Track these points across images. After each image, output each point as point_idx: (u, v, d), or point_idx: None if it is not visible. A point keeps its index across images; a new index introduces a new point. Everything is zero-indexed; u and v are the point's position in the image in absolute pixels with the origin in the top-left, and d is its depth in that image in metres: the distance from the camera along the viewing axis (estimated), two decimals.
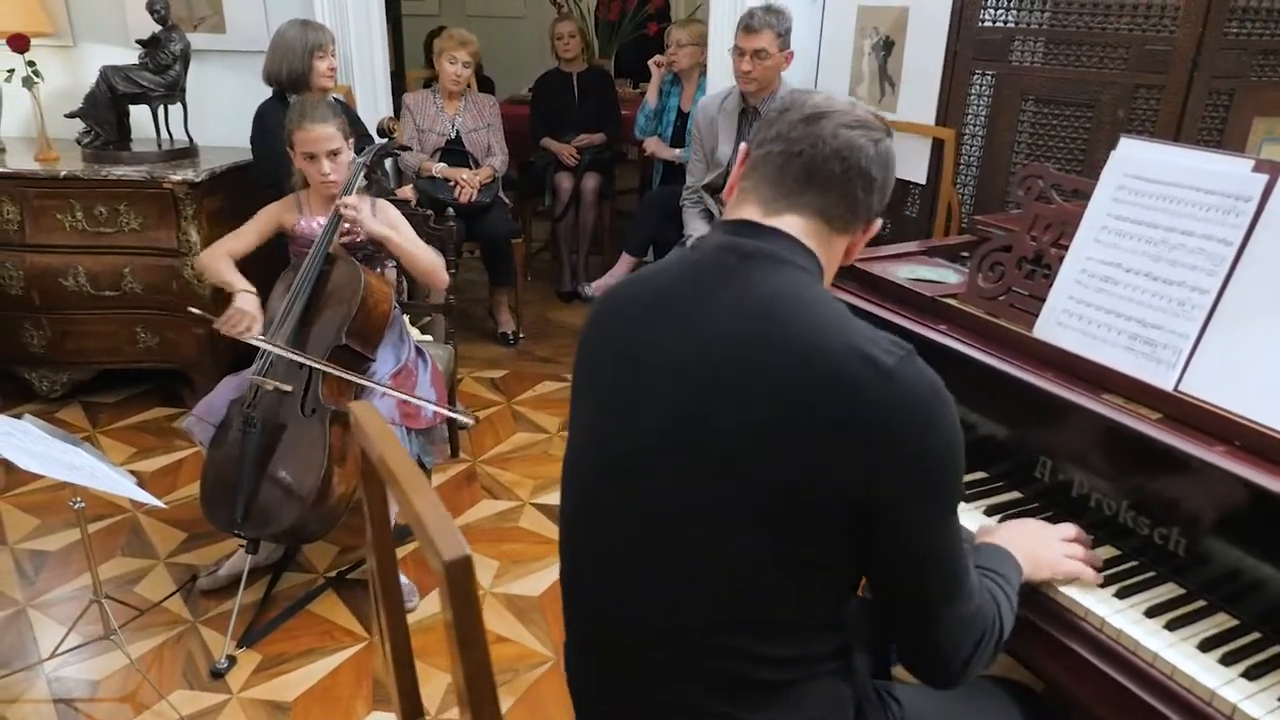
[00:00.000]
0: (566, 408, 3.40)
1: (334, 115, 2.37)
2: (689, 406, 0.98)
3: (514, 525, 2.76)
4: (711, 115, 3.15)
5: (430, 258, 2.46)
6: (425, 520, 0.67)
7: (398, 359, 2.46)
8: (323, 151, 2.35)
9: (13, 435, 1.76)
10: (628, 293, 1.11)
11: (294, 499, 2.13)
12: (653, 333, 1.04)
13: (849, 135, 1.03)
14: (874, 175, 1.05)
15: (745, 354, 0.95)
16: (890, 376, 0.91)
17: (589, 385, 1.10)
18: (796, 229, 1.04)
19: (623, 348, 1.06)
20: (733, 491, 0.94)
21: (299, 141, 2.37)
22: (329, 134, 2.34)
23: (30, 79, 3.23)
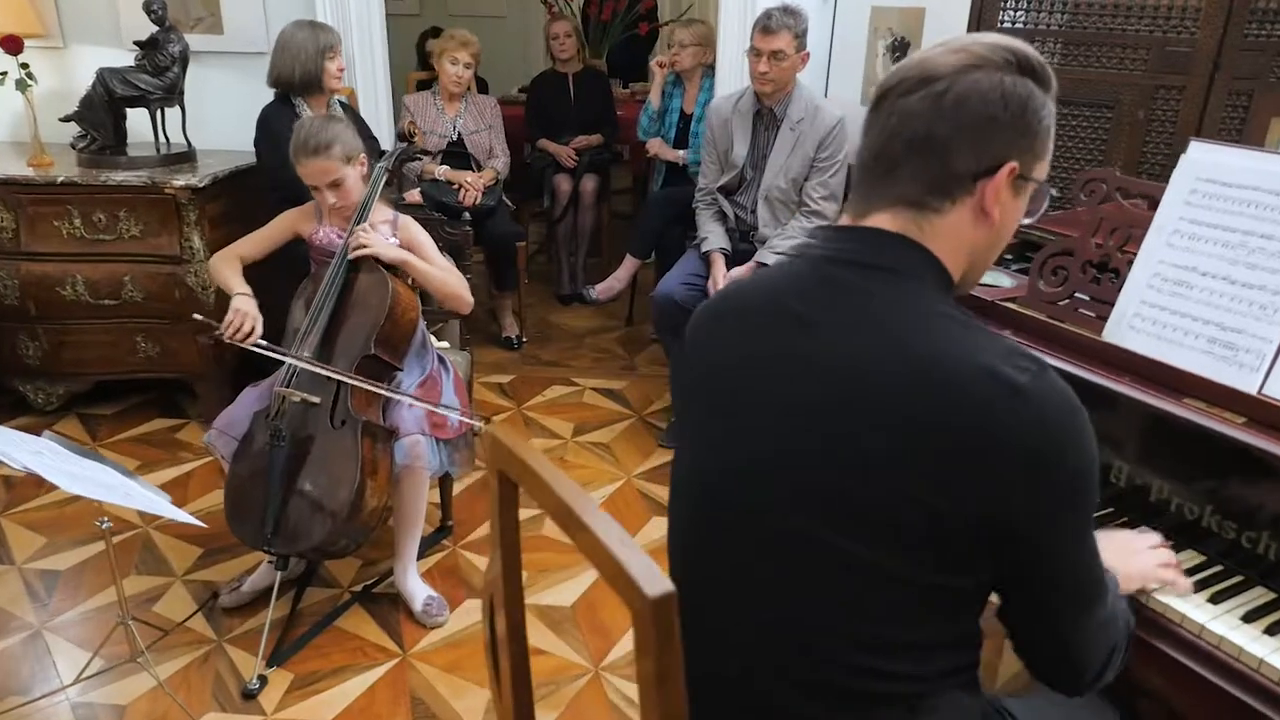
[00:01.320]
0: (578, 413, 3.39)
1: (335, 143, 2.24)
2: (801, 431, 0.95)
3: (537, 534, 2.72)
4: (725, 116, 3.13)
5: (453, 282, 2.37)
6: (618, 554, 0.63)
7: (423, 368, 2.41)
8: (322, 184, 2.29)
9: (43, 454, 1.70)
10: (727, 312, 1.08)
11: (326, 513, 2.08)
12: (764, 350, 1.01)
13: (905, 104, 0.95)
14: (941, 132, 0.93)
15: (863, 373, 0.92)
16: (1024, 395, 0.88)
17: (697, 405, 1.07)
18: (887, 224, 0.99)
19: (732, 365, 1.03)
20: (854, 514, 0.92)
21: (299, 170, 2.30)
22: (325, 168, 2.25)
23: (24, 81, 3.14)
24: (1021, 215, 1.03)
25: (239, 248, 2.42)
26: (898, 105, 0.96)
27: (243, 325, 2.22)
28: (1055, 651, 0.97)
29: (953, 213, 0.98)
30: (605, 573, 0.66)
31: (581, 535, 0.69)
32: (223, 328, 2.22)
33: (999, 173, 0.96)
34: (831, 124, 2.99)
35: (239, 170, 3.28)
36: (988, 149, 0.95)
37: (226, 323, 2.22)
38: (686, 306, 3.06)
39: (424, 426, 2.25)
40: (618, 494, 2.94)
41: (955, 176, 0.96)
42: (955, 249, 0.99)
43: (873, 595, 0.93)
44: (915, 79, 0.96)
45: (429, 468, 2.25)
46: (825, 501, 0.92)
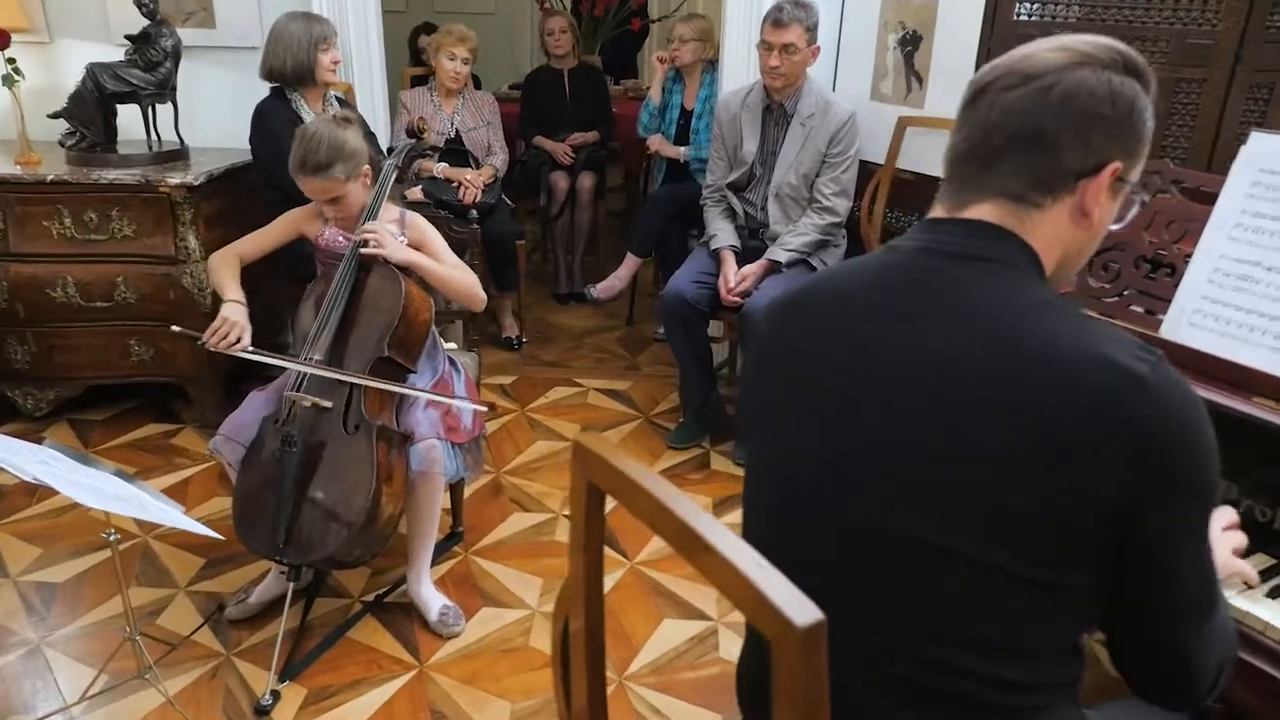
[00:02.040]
0: (583, 414, 3.33)
1: (336, 162, 2.12)
2: (905, 425, 0.90)
3: (550, 539, 2.66)
4: (734, 112, 3.08)
5: (465, 280, 2.30)
6: (755, 579, 0.58)
7: (435, 370, 2.34)
8: (321, 201, 2.20)
9: (50, 464, 1.62)
10: (817, 302, 1.03)
11: (341, 522, 2.01)
12: (856, 346, 0.95)
13: (1008, 99, 0.93)
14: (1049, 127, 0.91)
15: (973, 365, 0.88)
16: (1146, 385, 0.84)
17: (777, 405, 1.02)
18: (987, 216, 0.96)
19: (820, 363, 0.98)
20: (962, 511, 0.87)
21: (297, 183, 2.20)
22: (325, 188, 2.15)
23: (11, 77, 3.03)
24: (1112, 219, 1.00)
25: (239, 247, 2.34)
26: (999, 100, 0.93)
27: (229, 334, 2.13)
28: (1173, 661, 0.92)
29: (1053, 210, 0.95)
30: (736, 598, 0.60)
31: (705, 558, 0.63)
32: (206, 336, 2.13)
33: (1102, 173, 0.94)
34: (843, 119, 2.94)
35: (234, 168, 3.19)
36: (1093, 148, 0.93)
37: (210, 330, 2.13)
38: (697, 305, 3.00)
39: (439, 430, 2.18)
40: None
41: (1060, 173, 0.94)
42: (1050, 246, 0.96)
43: (979, 597, 0.88)
44: (1019, 74, 0.94)
45: (445, 473, 2.18)
46: (931, 499, 0.88)
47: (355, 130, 2.23)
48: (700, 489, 2.93)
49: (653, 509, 0.70)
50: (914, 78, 3.02)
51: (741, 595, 0.60)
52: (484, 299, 2.37)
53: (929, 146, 2.99)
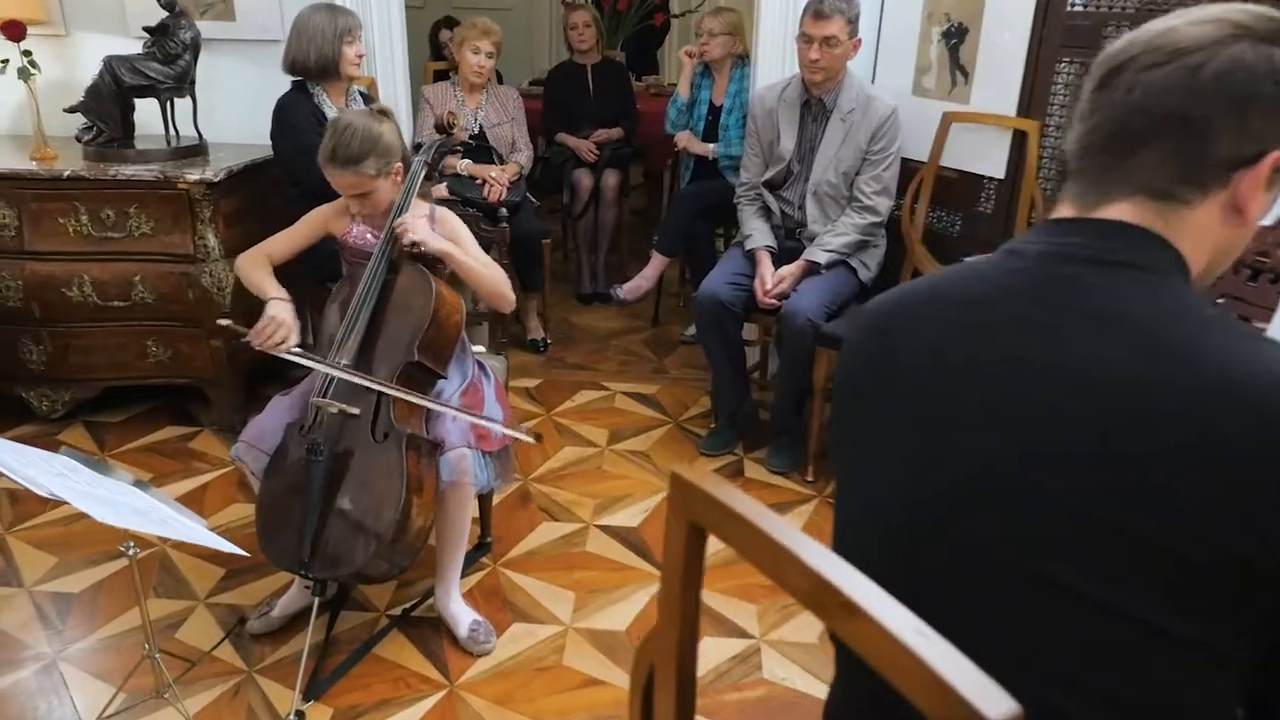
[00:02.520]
0: (610, 419, 3.23)
1: (368, 157, 2.04)
2: (1047, 446, 0.79)
3: (581, 550, 2.56)
4: (770, 107, 2.97)
5: (496, 278, 2.20)
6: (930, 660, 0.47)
7: (464, 375, 2.24)
8: (348, 195, 2.11)
9: (67, 476, 1.53)
10: (932, 310, 0.92)
11: (370, 535, 1.91)
12: (991, 355, 0.85)
13: (1150, 79, 0.82)
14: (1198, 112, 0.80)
15: (1128, 386, 0.77)
16: None
17: (886, 422, 0.91)
18: (1127, 216, 0.85)
19: (943, 378, 0.87)
20: (1111, 550, 0.76)
21: (325, 174, 2.11)
22: (355, 182, 2.07)
23: (26, 70, 2.95)
24: (1263, 214, 0.88)
25: (267, 248, 2.24)
26: (1139, 80, 0.82)
27: (275, 333, 2.04)
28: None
29: (1202, 207, 0.83)
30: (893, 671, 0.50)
31: (850, 622, 0.53)
32: (253, 334, 2.04)
33: (1262, 162, 0.81)
34: (885, 115, 2.83)
35: (254, 164, 3.10)
36: (1252, 134, 0.81)
37: (258, 329, 2.04)
38: (732, 307, 2.90)
39: (470, 439, 2.09)
40: (663, 507, 2.78)
41: (1212, 164, 0.82)
42: (1198, 249, 0.85)
43: (1120, 649, 0.77)
44: (1162, 50, 0.82)
45: (476, 483, 2.09)
46: (1072, 535, 0.77)
47: (391, 125, 2.14)
48: None
49: (775, 557, 0.59)
50: (959, 71, 2.90)
51: (903, 670, 0.49)
52: (513, 300, 2.28)
53: (974, 143, 2.87)
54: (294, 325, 2.07)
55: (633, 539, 2.61)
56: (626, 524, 2.68)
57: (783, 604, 2.35)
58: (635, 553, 2.55)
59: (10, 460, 1.42)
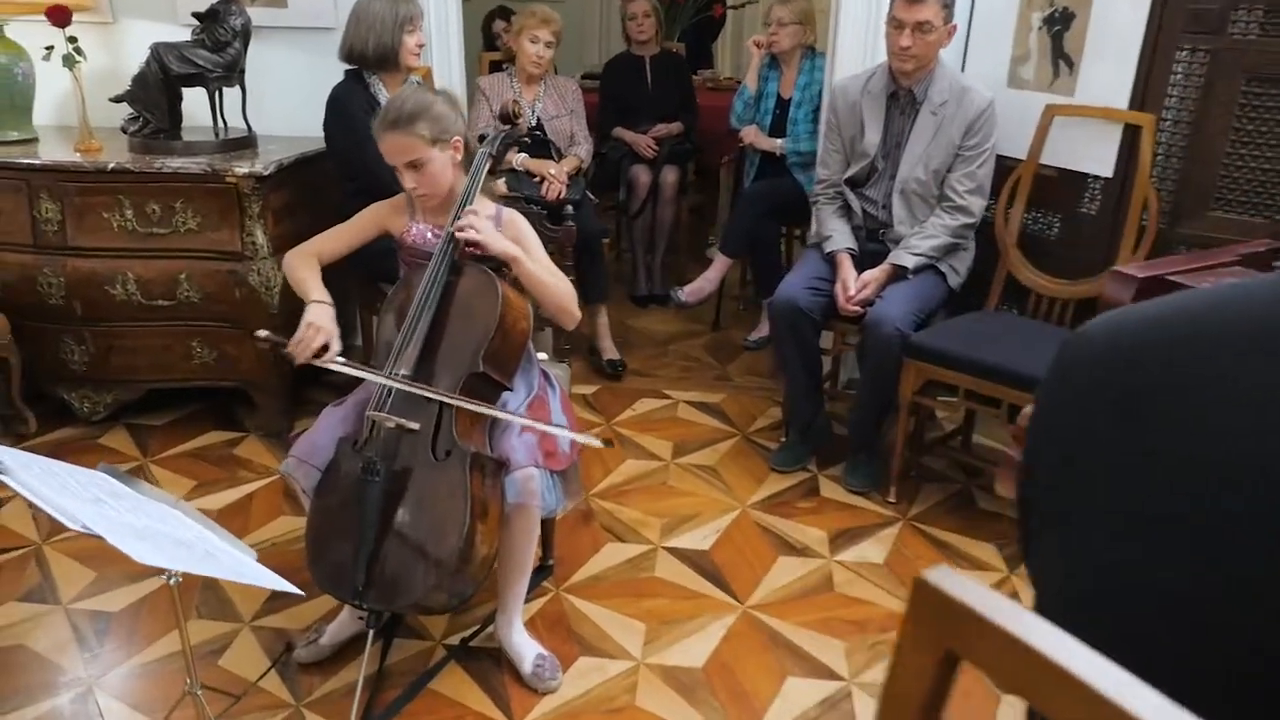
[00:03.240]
0: (674, 430, 3.02)
1: (420, 118, 1.90)
2: None
3: (650, 575, 2.37)
4: (853, 99, 2.76)
5: (562, 290, 2.02)
6: None
7: (529, 387, 2.07)
8: (399, 163, 1.94)
9: (104, 503, 1.37)
10: (1207, 336, 0.71)
11: (431, 563, 1.74)
12: (1249, 396, 0.64)
13: None
14: None
15: None
16: None
17: (1135, 468, 0.70)
18: None
19: (1228, 420, 0.66)
20: None
21: (378, 145, 1.96)
22: (404, 145, 1.91)
23: (71, 57, 2.82)
24: None
25: (318, 245, 2.08)
26: None
27: (313, 341, 1.87)
28: None
29: None
30: None
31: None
32: (292, 346, 1.87)
33: None
34: (981, 107, 2.61)
35: (304, 157, 2.95)
36: None
37: (296, 339, 1.87)
38: (811, 314, 2.70)
39: (537, 457, 1.91)
40: (734, 527, 2.58)
41: None
42: None
43: None
44: None
45: (543, 506, 1.91)
46: None
47: (447, 100, 1.99)
48: (812, 520, 2.62)
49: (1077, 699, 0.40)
50: (1062, 61, 2.67)
51: None
52: (579, 315, 2.10)
53: (1078, 139, 2.64)
54: (334, 331, 1.90)
55: (704, 564, 2.42)
56: (697, 546, 2.49)
57: (872, 641, 2.15)
58: (708, 579, 2.36)
59: (42, 486, 1.27)
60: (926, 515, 2.67)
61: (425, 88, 1.96)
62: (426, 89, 1.96)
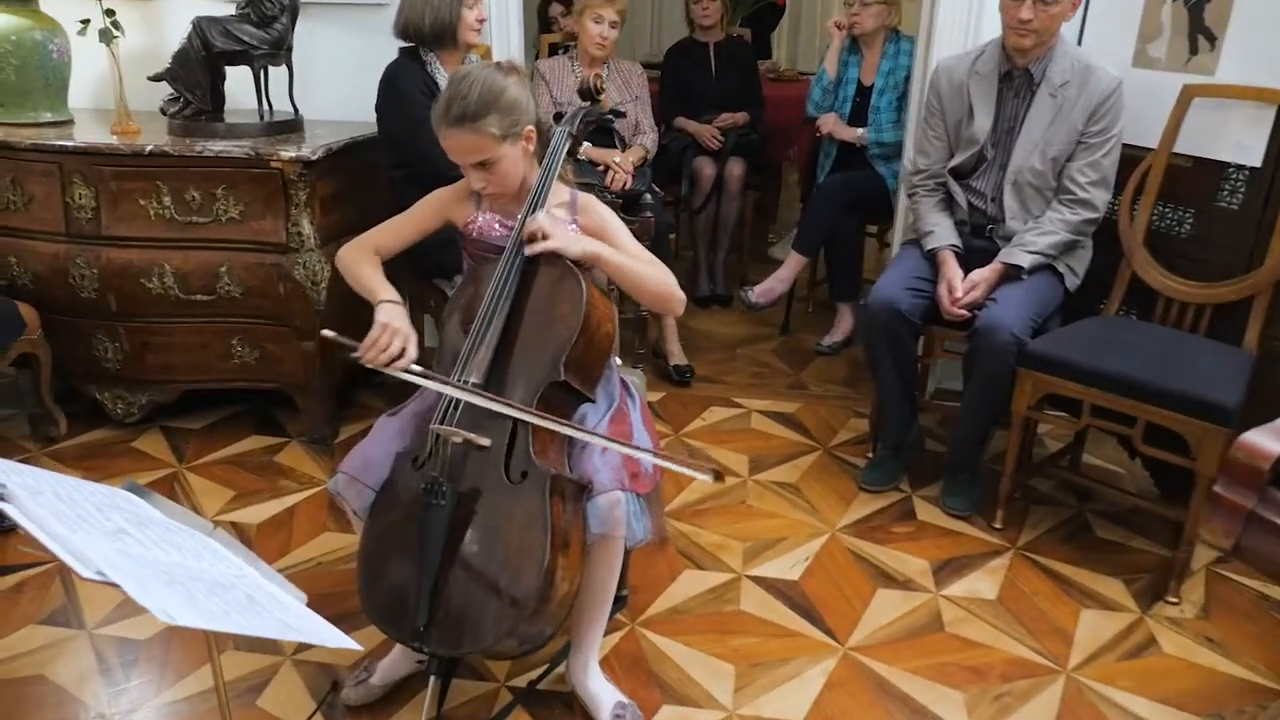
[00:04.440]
0: (748, 442, 2.72)
1: (489, 112, 1.64)
2: None
3: (735, 609, 2.11)
4: (959, 80, 2.48)
5: (658, 275, 1.77)
6: None
7: (610, 399, 1.81)
8: (466, 163, 1.70)
9: (126, 535, 1.14)
10: None
11: (505, 604, 1.49)
12: None
13: None
14: None
15: None
16: None
17: None
18: None
19: None
20: None
21: (439, 139, 1.70)
22: (472, 145, 1.65)
23: (108, 32, 2.63)
24: None
25: (375, 238, 1.85)
26: None
27: (390, 345, 1.63)
28: None
29: None
30: None
31: None
32: (363, 348, 1.64)
33: None
34: (1108, 89, 2.33)
35: (354, 142, 2.73)
36: None
37: (370, 341, 1.63)
38: (911, 318, 2.42)
39: (623, 479, 1.65)
40: (825, 554, 2.32)
41: None
42: None
43: None
44: None
45: (630, 537, 1.65)
46: None
47: (520, 80, 1.72)
48: (911, 547, 2.35)
49: None
50: (1201, 36, 2.37)
51: None
52: (683, 300, 1.83)
53: (1218, 124, 2.34)
54: (412, 334, 1.66)
55: (794, 595, 2.16)
56: (784, 576, 2.23)
57: (995, 693, 1.87)
58: (800, 614, 2.10)
59: (53, 519, 1.04)
60: (1039, 544, 2.38)
61: (492, 66, 1.70)
62: (492, 67, 1.70)
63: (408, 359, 1.62)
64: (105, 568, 0.97)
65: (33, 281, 2.64)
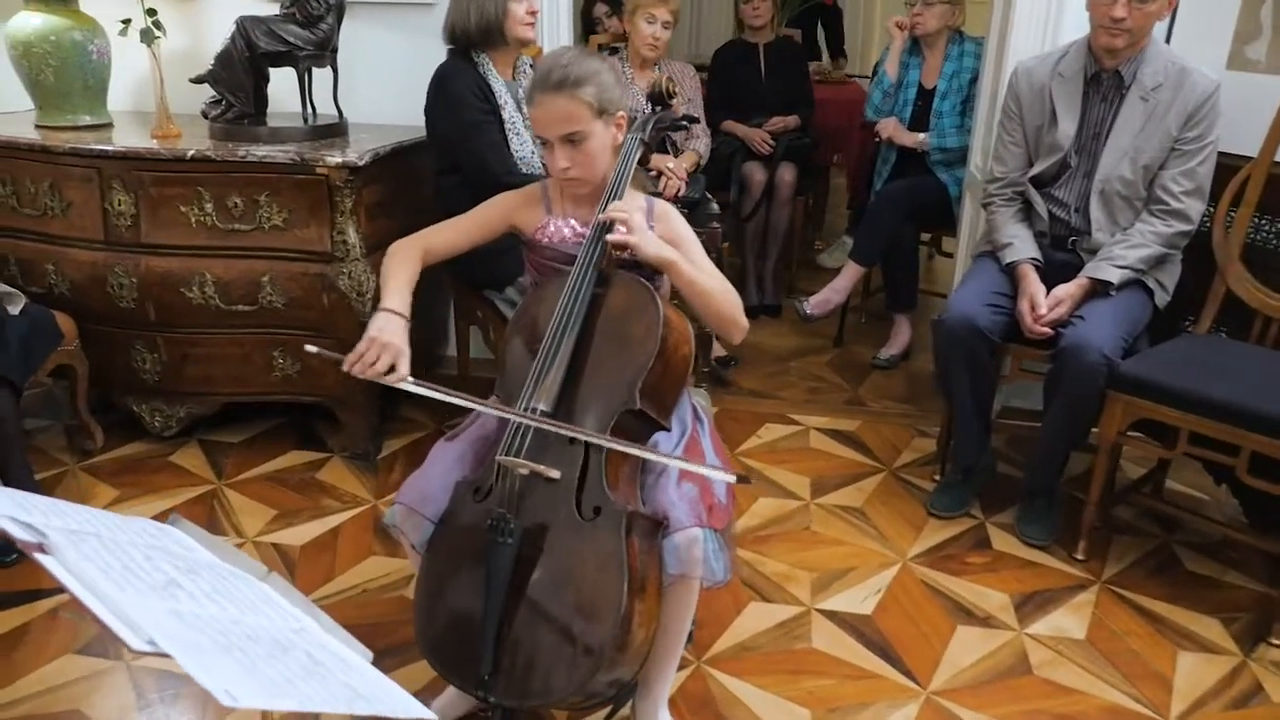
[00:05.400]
0: (808, 462, 2.57)
1: (588, 82, 1.55)
2: None
3: (806, 646, 1.98)
4: (1040, 83, 2.34)
5: (728, 297, 1.66)
6: None
7: (684, 425, 1.69)
8: (554, 135, 1.58)
9: (177, 586, 1.03)
10: None
11: (578, 653, 1.37)
12: None
13: None
14: None
15: None
16: None
17: None
18: None
19: None
20: None
21: (531, 112, 1.61)
22: (568, 112, 1.55)
23: (149, 32, 2.54)
24: None
25: (429, 236, 1.73)
26: None
27: (378, 359, 1.52)
28: None
29: None
30: None
31: None
32: (348, 360, 1.52)
33: None
34: (1206, 92, 2.18)
35: (401, 147, 2.62)
36: None
37: (356, 354, 1.52)
38: (990, 335, 2.28)
39: (701, 515, 1.53)
40: (897, 586, 2.18)
41: None
42: None
43: None
44: None
45: (709, 577, 1.53)
46: None
47: (613, 69, 1.64)
48: (989, 579, 2.21)
49: None
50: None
51: None
52: (746, 327, 1.72)
53: None
54: (403, 348, 1.54)
55: (868, 632, 2.03)
56: (856, 609, 2.10)
57: None
58: (875, 652, 1.96)
59: (99, 574, 0.93)
60: (1126, 578, 2.24)
61: (585, 51, 1.62)
62: (589, 52, 1.62)
63: (399, 374, 1.51)
64: (159, 636, 0.86)
65: (70, 290, 2.56)
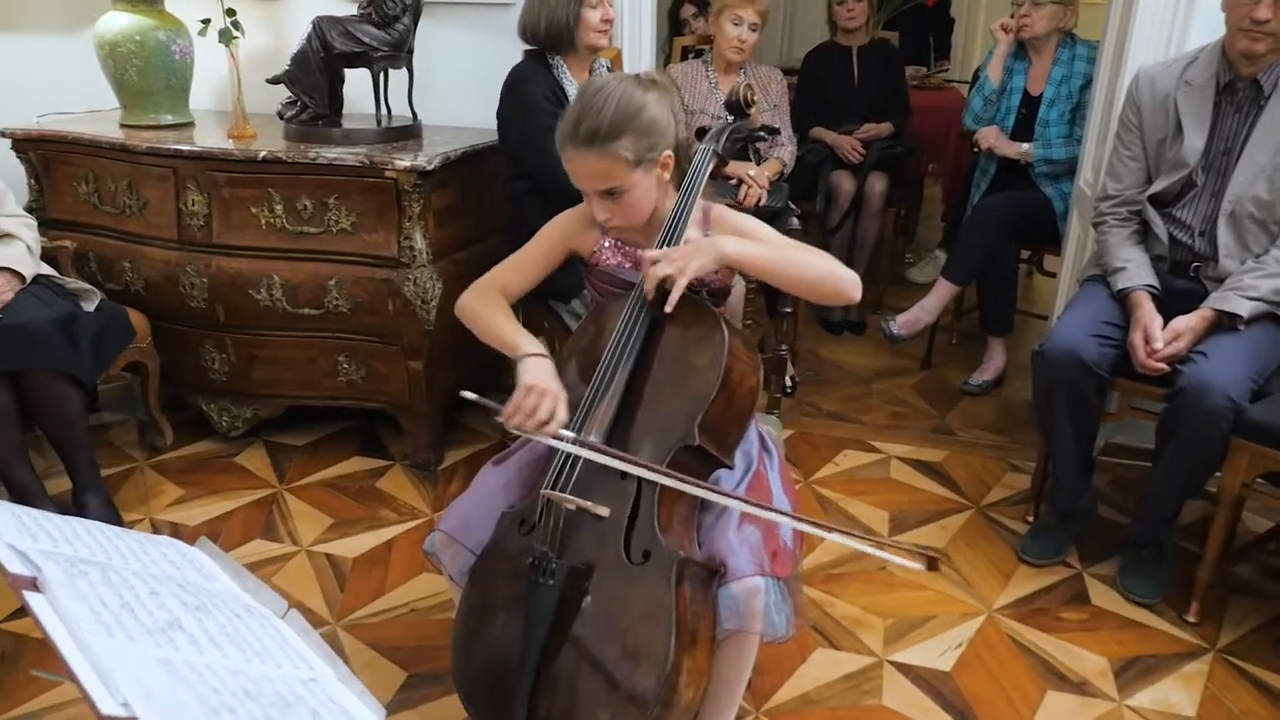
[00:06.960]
0: (888, 495, 2.27)
1: (623, 133, 1.40)
2: None
3: (876, 703, 1.82)
4: (1164, 92, 2.12)
5: (817, 261, 1.48)
6: None
7: (748, 461, 1.56)
8: (591, 190, 1.47)
9: (179, 630, 0.95)
10: None
11: (620, 707, 1.26)
12: None
13: None
14: None
15: None
16: None
17: None
18: None
19: None
20: None
21: (562, 159, 1.48)
22: (599, 168, 1.42)
23: (228, 32, 2.53)
24: None
25: (502, 278, 1.61)
26: None
27: (538, 408, 1.37)
28: None
29: None
30: None
31: None
32: (507, 413, 1.38)
33: None
34: None
35: (473, 151, 2.55)
36: None
37: (514, 405, 1.37)
38: (1097, 369, 2.07)
39: (763, 562, 1.39)
40: (981, 640, 2.00)
41: None
42: None
43: None
44: None
45: (770, 632, 1.39)
46: None
47: (661, 96, 1.48)
48: (1086, 639, 2.01)
49: None
50: None
51: None
52: (856, 280, 1.50)
53: None
54: (562, 394, 1.40)
55: (946, 691, 1.85)
56: (934, 665, 1.92)
57: None
58: (953, 715, 1.79)
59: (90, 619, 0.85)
60: (1244, 647, 2.00)
61: (632, 79, 1.46)
62: (632, 81, 1.46)
63: (557, 422, 1.37)
64: (134, 697, 0.77)
65: (145, 288, 2.57)
